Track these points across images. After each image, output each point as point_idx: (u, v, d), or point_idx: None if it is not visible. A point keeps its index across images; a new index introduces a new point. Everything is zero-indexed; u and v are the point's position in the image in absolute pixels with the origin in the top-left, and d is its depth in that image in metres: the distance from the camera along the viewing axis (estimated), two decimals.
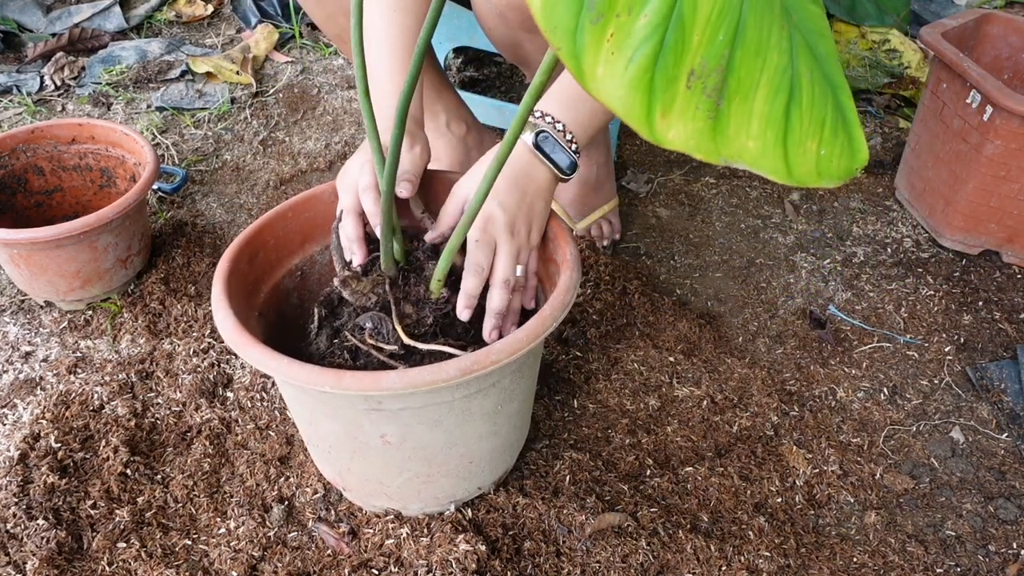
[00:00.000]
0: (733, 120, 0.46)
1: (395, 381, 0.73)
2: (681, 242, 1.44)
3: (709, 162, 0.45)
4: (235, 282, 0.88)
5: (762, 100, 0.47)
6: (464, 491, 0.93)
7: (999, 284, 1.36)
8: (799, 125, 0.48)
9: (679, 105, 0.44)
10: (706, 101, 0.44)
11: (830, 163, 0.49)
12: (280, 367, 0.76)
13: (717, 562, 0.93)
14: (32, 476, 1.00)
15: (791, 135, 0.47)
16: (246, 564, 0.92)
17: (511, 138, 0.72)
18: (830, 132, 0.49)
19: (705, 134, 0.45)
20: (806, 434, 1.10)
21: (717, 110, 0.45)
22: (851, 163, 0.49)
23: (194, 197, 1.53)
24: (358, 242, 0.90)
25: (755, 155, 0.46)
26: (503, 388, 0.84)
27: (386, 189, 0.80)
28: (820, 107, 0.49)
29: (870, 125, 1.77)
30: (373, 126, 0.83)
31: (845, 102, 0.51)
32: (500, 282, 0.86)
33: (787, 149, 0.47)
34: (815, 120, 0.48)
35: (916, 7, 2.07)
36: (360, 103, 0.81)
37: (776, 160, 0.47)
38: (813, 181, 0.48)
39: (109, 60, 1.89)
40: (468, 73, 1.87)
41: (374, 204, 0.88)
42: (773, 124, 0.47)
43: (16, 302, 1.29)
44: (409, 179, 0.90)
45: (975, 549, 0.98)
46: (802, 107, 0.48)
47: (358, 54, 0.78)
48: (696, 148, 0.45)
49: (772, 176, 0.47)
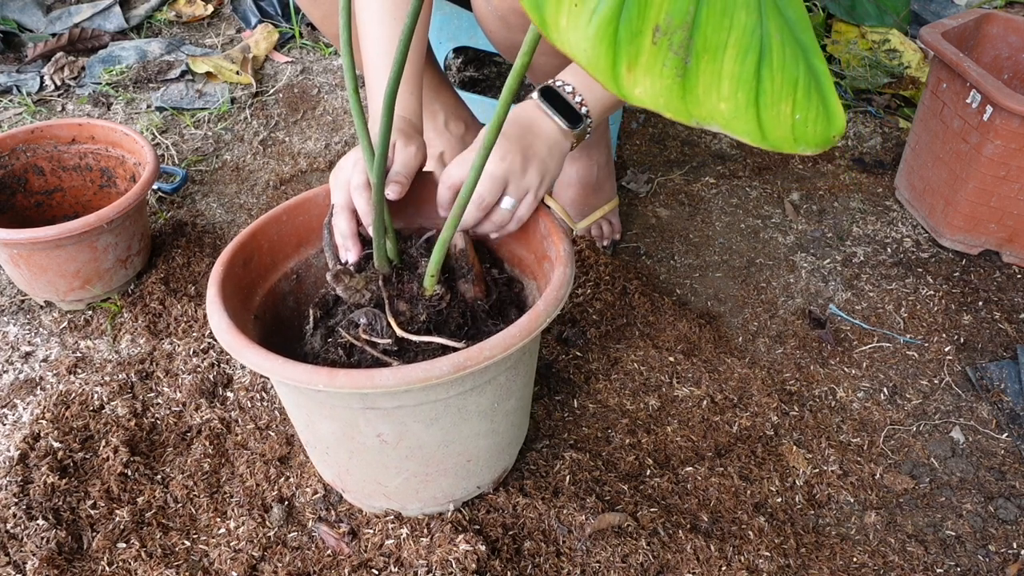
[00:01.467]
0: (703, 79, 0.45)
1: (388, 378, 0.73)
2: (681, 242, 1.44)
3: (680, 122, 0.45)
4: (230, 286, 0.88)
5: (731, 60, 0.46)
6: (463, 490, 0.93)
7: (999, 284, 1.36)
8: (771, 86, 0.47)
9: (645, 60, 0.44)
10: (673, 58, 0.44)
11: (806, 128, 0.48)
12: (274, 367, 0.76)
13: (717, 562, 0.93)
14: (32, 476, 1.00)
15: (763, 96, 0.47)
16: (246, 564, 0.92)
17: (501, 110, 0.71)
18: (803, 95, 0.48)
19: (674, 92, 0.44)
20: (806, 434, 1.10)
21: (685, 68, 0.45)
22: (828, 129, 0.49)
23: (194, 197, 1.53)
24: (352, 238, 0.90)
25: (727, 117, 0.46)
26: (499, 385, 0.84)
27: (376, 183, 0.80)
28: (792, 69, 0.48)
29: (870, 125, 1.77)
30: (363, 122, 0.82)
31: (818, 65, 0.50)
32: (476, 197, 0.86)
33: (760, 111, 0.47)
34: (787, 82, 0.48)
35: (916, 7, 2.07)
36: (350, 100, 0.80)
37: (749, 123, 0.46)
38: (789, 146, 0.47)
39: (109, 60, 1.89)
40: (468, 73, 1.87)
41: (367, 203, 0.88)
42: (744, 85, 0.46)
43: (16, 302, 1.29)
44: (399, 180, 0.88)
45: (975, 549, 0.98)
46: (773, 68, 0.47)
47: (347, 54, 0.78)
48: (665, 106, 0.44)
49: (746, 139, 0.46)
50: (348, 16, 0.73)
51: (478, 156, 0.75)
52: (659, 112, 0.44)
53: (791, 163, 1.65)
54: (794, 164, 1.65)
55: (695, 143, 1.71)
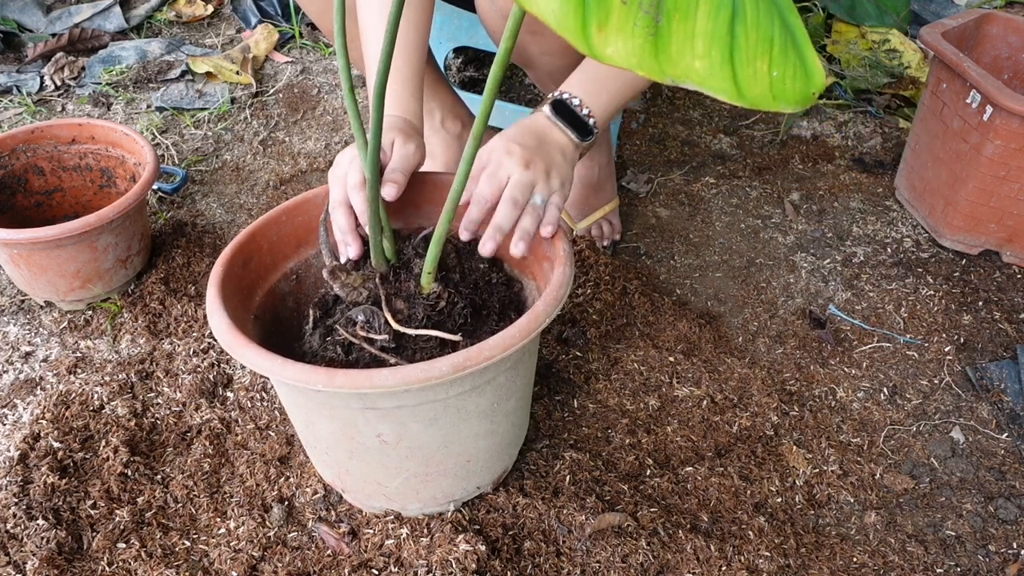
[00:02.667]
0: (675, 38, 0.45)
1: (387, 378, 0.73)
2: (681, 242, 1.44)
3: (655, 80, 0.45)
4: (230, 286, 0.88)
5: (704, 17, 0.46)
6: (463, 491, 0.93)
7: (999, 284, 1.36)
8: (745, 43, 0.47)
9: (616, 20, 0.44)
10: (644, 17, 0.44)
11: (784, 85, 0.48)
12: (273, 367, 0.76)
13: (717, 562, 0.93)
14: (32, 476, 1.00)
15: (738, 53, 0.47)
16: (246, 564, 0.92)
17: (483, 112, 0.71)
18: (779, 51, 0.48)
19: (647, 51, 0.45)
20: (806, 434, 1.10)
21: (657, 27, 0.45)
22: (807, 86, 0.49)
23: (194, 197, 1.53)
24: (351, 233, 0.89)
25: (702, 75, 0.46)
26: (499, 385, 0.84)
27: (370, 180, 0.80)
28: (766, 25, 0.48)
29: (870, 125, 1.77)
30: (358, 120, 0.82)
31: (793, 21, 0.50)
32: (508, 199, 0.85)
33: (735, 69, 0.47)
34: (762, 38, 0.48)
35: (916, 7, 2.07)
36: (345, 98, 0.80)
37: (724, 80, 0.46)
38: (768, 104, 0.47)
39: (109, 60, 1.89)
40: (468, 73, 1.87)
41: (363, 202, 0.87)
42: (718, 42, 0.46)
43: (16, 302, 1.29)
44: (395, 179, 0.87)
45: (975, 549, 0.98)
46: (747, 24, 0.47)
47: (342, 51, 0.78)
48: (638, 66, 0.44)
49: (723, 97, 0.46)
50: (342, 20, 0.73)
51: (469, 147, 0.75)
52: (632, 70, 0.44)
53: (791, 163, 1.65)
54: (794, 164, 1.65)
55: (695, 143, 1.71)
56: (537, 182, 0.88)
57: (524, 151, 0.88)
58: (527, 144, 0.89)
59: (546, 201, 0.89)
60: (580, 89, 0.96)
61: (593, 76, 0.96)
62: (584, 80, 0.96)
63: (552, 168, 0.90)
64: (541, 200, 0.88)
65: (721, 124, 1.77)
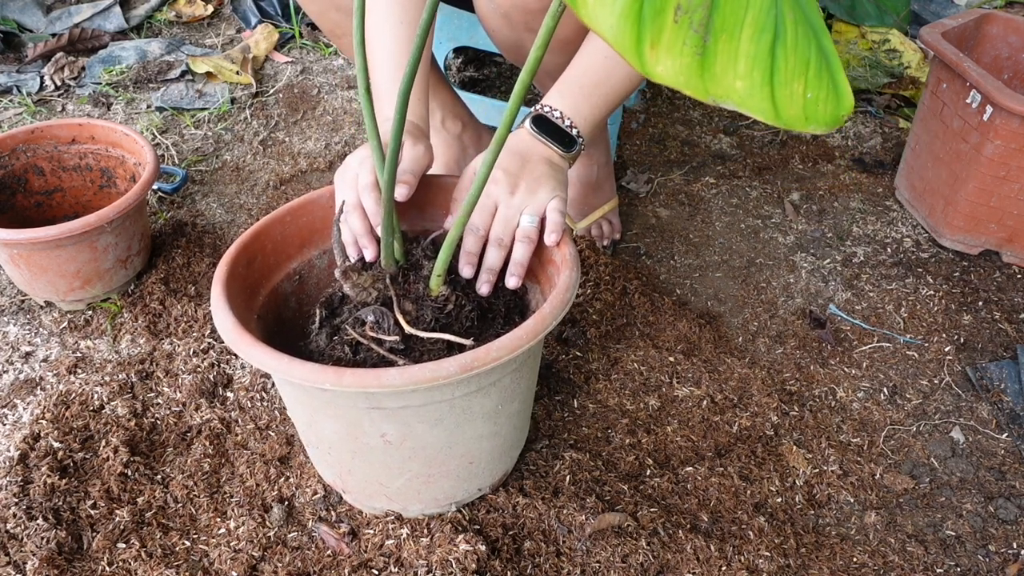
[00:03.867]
0: (720, 58, 0.47)
1: (396, 378, 0.73)
2: (681, 242, 1.44)
3: (698, 99, 0.46)
4: (234, 286, 0.88)
5: (748, 39, 0.48)
6: (464, 492, 0.93)
7: (999, 284, 1.36)
8: (784, 65, 0.49)
9: (667, 38, 0.45)
10: (693, 36, 0.46)
11: (816, 107, 0.49)
12: (280, 365, 0.76)
13: (717, 562, 0.93)
14: (32, 476, 1.00)
15: (777, 75, 0.48)
16: (246, 564, 0.92)
17: (507, 121, 0.73)
18: (815, 74, 0.50)
19: (693, 70, 0.46)
20: (806, 434, 1.10)
21: (704, 47, 0.46)
22: (837, 109, 0.50)
23: (194, 197, 1.53)
24: (368, 236, 0.90)
25: (743, 95, 0.47)
26: (504, 387, 0.84)
27: (387, 182, 0.80)
28: (804, 48, 0.50)
29: (870, 125, 1.77)
30: (373, 122, 0.82)
31: (827, 46, 0.52)
32: (494, 240, 0.88)
33: (774, 90, 0.48)
34: (800, 61, 0.49)
35: (916, 7, 2.07)
36: (361, 100, 0.81)
37: (763, 100, 0.48)
38: (800, 125, 0.49)
39: (109, 60, 1.89)
40: (468, 73, 1.87)
41: (375, 204, 0.88)
42: (759, 64, 0.48)
43: (16, 302, 1.29)
44: (407, 180, 0.88)
45: (975, 549, 0.98)
46: (787, 47, 0.49)
47: (360, 54, 0.78)
48: (685, 84, 0.46)
49: (760, 117, 0.48)
50: (361, 19, 0.73)
51: (490, 153, 0.75)
52: (678, 89, 0.46)
53: (791, 163, 1.65)
54: (794, 164, 1.65)
55: (695, 143, 1.71)
56: (526, 204, 0.89)
57: (508, 177, 0.89)
58: (510, 168, 0.90)
59: (537, 218, 0.89)
60: (561, 102, 0.96)
61: (575, 87, 0.96)
62: (565, 92, 0.96)
63: (540, 183, 0.90)
64: (530, 222, 0.89)
65: (721, 124, 1.77)
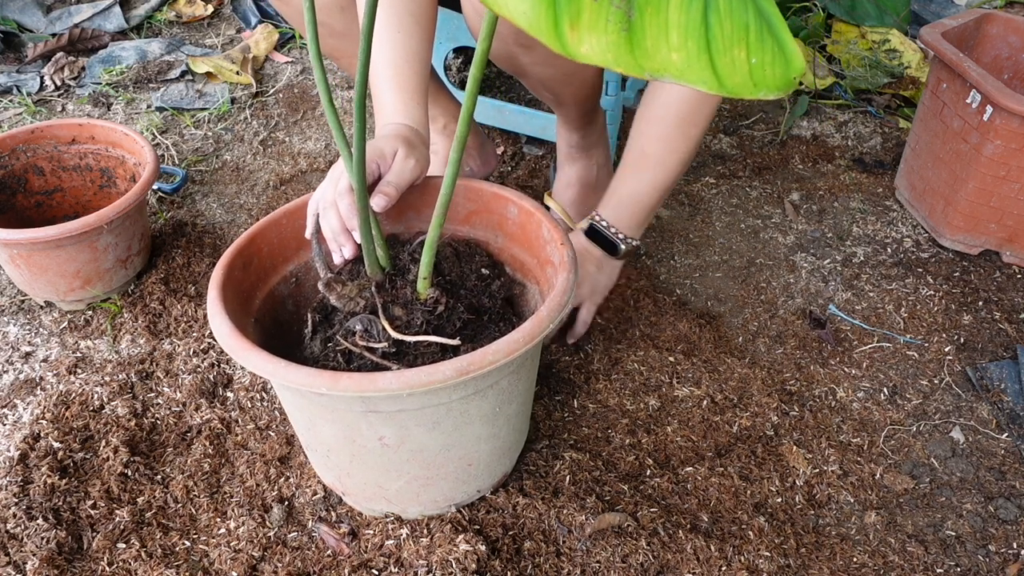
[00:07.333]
0: (649, 31, 0.45)
1: (391, 382, 0.73)
2: (681, 242, 1.44)
3: (633, 75, 0.45)
4: (230, 289, 0.88)
5: (676, 8, 0.46)
6: (464, 494, 0.93)
7: (999, 284, 1.36)
8: (720, 32, 0.47)
9: (587, 18, 0.44)
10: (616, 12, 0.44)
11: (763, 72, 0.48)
12: (277, 370, 0.76)
13: (717, 562, 0.93)
14: (32, 476, 1.00)
15: (714, 43, 0.47)
16: (246, 564, 0.92)
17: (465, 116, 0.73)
18: (756, 38, 0.48)
19: (622, 47, 0.44)
20: (806, 434, 1.10)
21: (630, 22, 0.45)
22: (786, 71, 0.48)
23: (194, 197, 1.53)
24: (343, 234, 0.88)
25: (680, 67, 0.46)
26: (501, 390, 0.84)
27: (358, 189, 0.79)
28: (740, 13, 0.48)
29: (870, 125, 1.77)
30: (341, 132, 0.80)
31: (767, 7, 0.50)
32: None
33: (713, 58, 0.47)
34: (738, 26, 0.48)
35: (916, 7, 2.07)
36: (326, 111, 0.79)
37: (703, 71, 0.46)
38: (749, 92, 0.47)
39: (109, 60, 1.89)
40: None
41: (348, 208, 0.86)
42: (693, 33, 0.46)
43: (16, 302, 1.29)
44: (387, 191, 0.87)
45: (975, 549, 0.98)
46: (720, 13, 0.47)
47: (318, 67, 0.77)
48: (615, 62, 0.44)
49: (703, 87, 0.46)
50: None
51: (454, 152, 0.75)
52: (608, 67, 0.44)
53: (791, 163, 1.65)
54: (794, 164, 1.65)
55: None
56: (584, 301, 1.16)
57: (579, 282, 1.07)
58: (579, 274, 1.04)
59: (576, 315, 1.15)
60: (608, 213, 1.13)
61: (624, 200, 1.12)
62: (613, 204, 1.13)
63: (582, 281, 1.14)
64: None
65: (721, 124, 1.77)
